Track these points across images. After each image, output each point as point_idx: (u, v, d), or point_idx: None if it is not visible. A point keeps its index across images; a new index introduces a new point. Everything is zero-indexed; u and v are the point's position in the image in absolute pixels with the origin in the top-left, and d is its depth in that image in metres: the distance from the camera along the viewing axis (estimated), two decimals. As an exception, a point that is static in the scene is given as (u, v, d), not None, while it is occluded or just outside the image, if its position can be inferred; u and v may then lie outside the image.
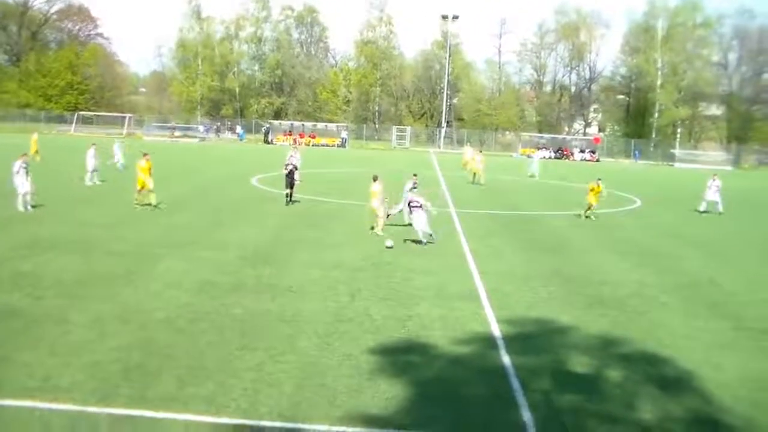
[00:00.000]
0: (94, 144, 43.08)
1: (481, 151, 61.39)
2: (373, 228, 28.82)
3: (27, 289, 18.26)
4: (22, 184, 30.60)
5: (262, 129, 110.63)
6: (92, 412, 11.43)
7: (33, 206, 30.71)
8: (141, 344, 14.57)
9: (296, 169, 36.65)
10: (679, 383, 14.10)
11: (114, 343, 14.52)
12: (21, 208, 30.29)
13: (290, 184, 36.05)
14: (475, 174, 53.53)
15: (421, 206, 26.96)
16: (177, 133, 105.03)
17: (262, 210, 34.45)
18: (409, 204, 27.70)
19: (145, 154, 33.55)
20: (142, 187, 32.85)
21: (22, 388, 12.23)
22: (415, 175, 32.17)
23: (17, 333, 15.01)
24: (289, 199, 36.14)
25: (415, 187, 30.50)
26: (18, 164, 30.93)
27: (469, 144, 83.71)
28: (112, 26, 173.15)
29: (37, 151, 51.43)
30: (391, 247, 25.55)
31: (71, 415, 11.35)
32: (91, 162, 41.21)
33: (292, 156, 40.68)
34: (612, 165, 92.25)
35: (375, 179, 29.46)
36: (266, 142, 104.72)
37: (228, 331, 15.73)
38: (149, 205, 32.38)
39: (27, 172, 30.84)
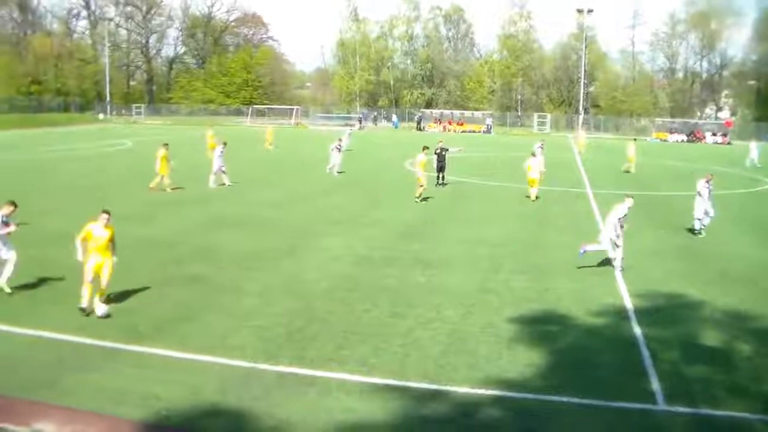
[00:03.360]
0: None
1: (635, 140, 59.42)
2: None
3: (209, 261, 18.99)
4: (216, 164, 33.62)
5: (415, 117, 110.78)
6: (261, 369, 11.77)
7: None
8: (302, 311, 14.89)
9: (446, 151, 35.91)
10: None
11: (279, 309, 14.90)
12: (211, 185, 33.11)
13: (440, 167, 35.56)
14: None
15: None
16: (362, 124, 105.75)
17: (414, 191, 34.55)
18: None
19: (165, 144, 32.46)
20: (163, 175, 31.60)
21: (203, 345, 12.76)
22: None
23: (201, 297, 15.63)
24: (439, 181, 35.76)
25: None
26: (219, 149, 34.00)
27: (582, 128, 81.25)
28: (280, 30, 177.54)
29: (212, 146, 50.49)
30: None
31: (244, 370, 11.72)
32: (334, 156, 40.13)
33: (440, 142, 40.19)
34: (743, 147, 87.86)
35: (424, 150, 31.21)
36: (418, 129, 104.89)
37: (381, 301, 15.88)
38: (164, 191, 31.11)
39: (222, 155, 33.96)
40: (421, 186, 30.17)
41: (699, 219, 24.50)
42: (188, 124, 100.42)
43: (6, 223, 15.15)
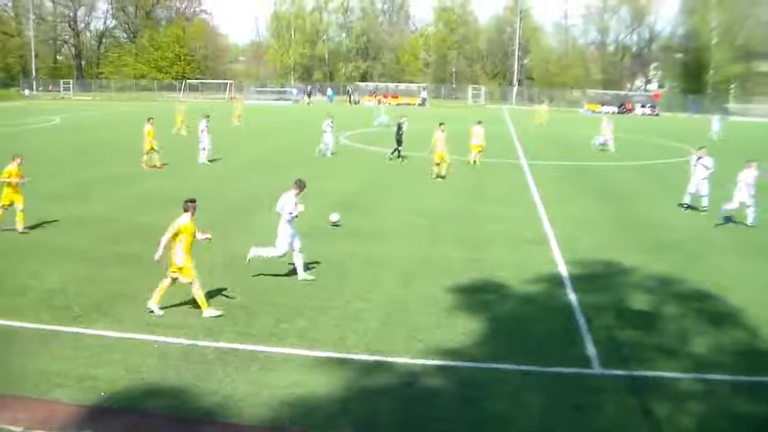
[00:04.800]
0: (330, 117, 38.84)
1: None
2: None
3: (145, 238, 18.69)
4: (204, 140, 33.37)
5: (347, 90, 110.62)
6: (202, 346, 11.70)
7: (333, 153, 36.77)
8: (242, 286, 14.81)
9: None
10: (729, 319, 13.75)
11: (218, 285, 14.77)
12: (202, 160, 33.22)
13: (399, 140, 35.38)
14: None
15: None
16: (309, 98, 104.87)
17: (352, 163, 34.53)
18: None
19: (150, 119, 31.89)
20: (151, 149, 31.50)
21: (143, 323, 12.64)
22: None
23: (138, 275, 15.40)
24: (392, 154, 35.80)
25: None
26: (204, 123, 33.48)
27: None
28: (214, 2, 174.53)
29: (181, 121, 46.63)
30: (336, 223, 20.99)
31: (184, 348, 11.64)
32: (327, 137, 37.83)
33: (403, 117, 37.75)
34: (670, 118, 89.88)
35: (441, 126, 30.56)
36: (350, 102, 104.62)
37: (319, 274, 15.87)
38: (154, 167, 31.15)
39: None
40: (445, 163, 30.25)
41: (691, 194, 24.45)
42: (120, 100, 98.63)
43: None
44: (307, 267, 15.68)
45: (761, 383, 11.09)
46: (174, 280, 13.10)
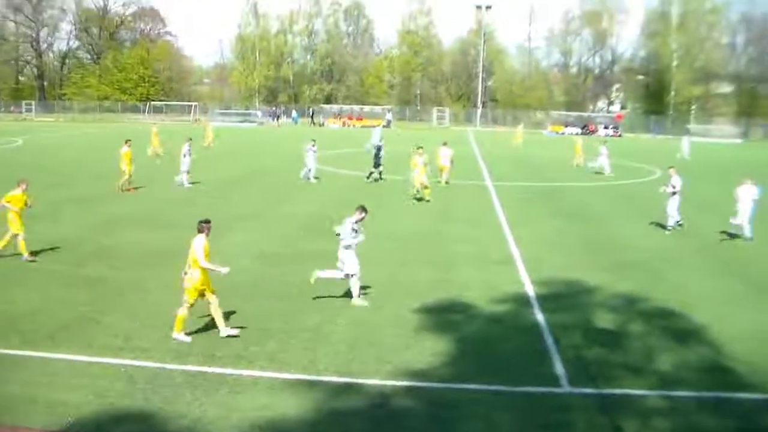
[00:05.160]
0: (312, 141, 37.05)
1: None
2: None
3: (112, 260, 18.56)
4: (185, 164, 32.83)
5: (309, 112, 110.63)
6: (170, 369, 11.61)
7: (316, 177, 35.31)
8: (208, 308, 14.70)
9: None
10: (694, 337, 13.95)
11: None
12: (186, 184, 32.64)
13: (377, 163, 35.79)
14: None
15: None
16: (280, 121, 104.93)
17: (318, 186, 34.53)
18: None
19: (127, 141, 31.38)
20: (128, 171, 30.74)
21: (109, 347, 12.49)
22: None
23: (105, 298, 15.25)
24: (371, 177, 36.07)
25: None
26: (186, 147, 32.87)
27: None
28: (178, 24, 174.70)
29: (156, 143, 47.01)
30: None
31: (152, 371, 11.53)
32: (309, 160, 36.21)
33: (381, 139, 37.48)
34: (633, 139, 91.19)
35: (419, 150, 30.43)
36: (314, 123, 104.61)
37: (288, 296, 15.85)
38: (128, 190, 30.58)
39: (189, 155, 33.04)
40: (424, 188, 30.12)
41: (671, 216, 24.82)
42: (83, 121, 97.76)
43: None
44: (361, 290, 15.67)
45: (725, 399, 11.25)
46: (209, 298, 13.09)
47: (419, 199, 29.86)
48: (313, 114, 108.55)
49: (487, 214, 27.32)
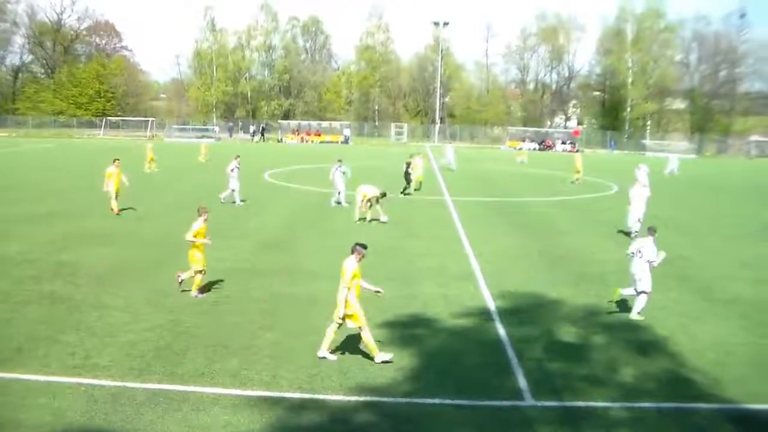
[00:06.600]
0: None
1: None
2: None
3: (70, 277, 18.28)
4: (234, 182, 32.85)
5: (260, 126, 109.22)
6: (131, 387, 11.45)
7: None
8: (170, 325, 14.58)
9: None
10: (655, 349, 14.18)
11: (146, 325, 14.53)
12: (237, 202, 32.71)
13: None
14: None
15: None
16: (256, 138, 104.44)
17: (279, 202, 34.40)
18: None
19: (115, 160, 29.88)
20: (116, 192, 29.06)
21: (68, 366, 12.29)
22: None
23: (62, 316, 15.01)
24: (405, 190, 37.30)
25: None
26: (233, 164, 32.85)
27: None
28: (134, 39, 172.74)
29: (151, 159, 47.86)
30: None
31: (111, 390, 11.37)
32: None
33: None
34: (590, 155, 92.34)
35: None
36: (263, 140, 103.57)
37: (250, 313, 15.76)
38: (111, 210, 28.86)
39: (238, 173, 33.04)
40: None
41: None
42: (39, 137, 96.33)
43: None
44: None
45: (686, 409, 11.44)
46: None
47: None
48: (263, 130, 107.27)
49: (447, 229, 27.42)
